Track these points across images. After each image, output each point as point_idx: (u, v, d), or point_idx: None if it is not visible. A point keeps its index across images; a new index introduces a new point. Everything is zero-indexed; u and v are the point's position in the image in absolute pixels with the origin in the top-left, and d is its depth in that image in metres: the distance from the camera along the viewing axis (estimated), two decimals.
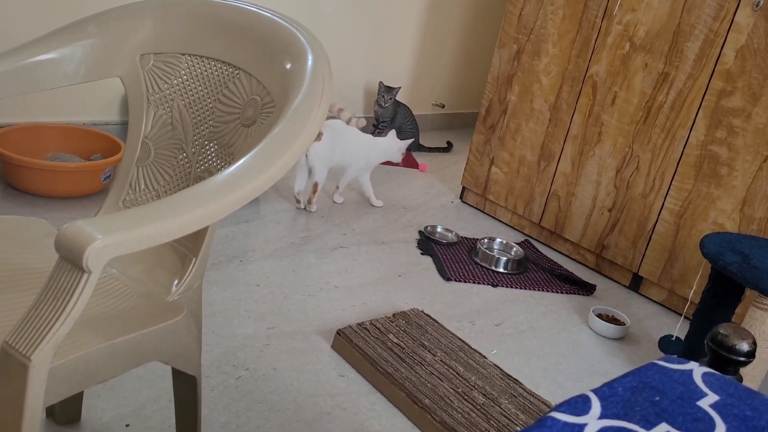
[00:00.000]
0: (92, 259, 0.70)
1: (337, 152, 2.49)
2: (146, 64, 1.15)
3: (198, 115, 1.13)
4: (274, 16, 1.10)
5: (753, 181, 2.06)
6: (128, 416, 1.35)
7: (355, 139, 2.54)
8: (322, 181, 2.48)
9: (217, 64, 1.13)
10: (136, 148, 1.15)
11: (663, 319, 2.27)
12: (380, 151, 2.62)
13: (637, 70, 2.31)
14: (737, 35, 2.05)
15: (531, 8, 2.60)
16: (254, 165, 0.86)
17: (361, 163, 2.59)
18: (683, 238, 2.24)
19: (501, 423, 1.51)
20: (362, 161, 2.59)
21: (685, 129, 2.20)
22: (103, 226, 0.72)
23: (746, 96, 2.05)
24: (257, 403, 1.47)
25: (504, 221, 2.84)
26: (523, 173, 2.71)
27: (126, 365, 0.91)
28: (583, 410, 0.71)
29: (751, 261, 1.58)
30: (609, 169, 2.43)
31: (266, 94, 1.07)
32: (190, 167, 1.13)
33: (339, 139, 2.48)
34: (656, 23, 2.24)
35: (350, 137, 2.53)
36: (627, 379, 0.78)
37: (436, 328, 1.83)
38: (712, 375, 0.80)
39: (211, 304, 1.79)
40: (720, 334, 0.85)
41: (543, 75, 2.60)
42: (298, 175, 2.51)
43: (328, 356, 1.68)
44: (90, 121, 2.59)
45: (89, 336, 0.87)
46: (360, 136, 2.57)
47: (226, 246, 2.13)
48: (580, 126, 2.50)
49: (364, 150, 2.57)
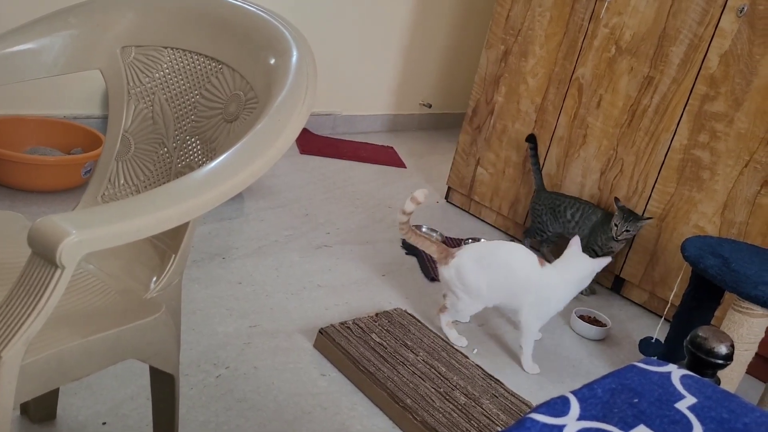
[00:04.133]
0: (66, 254, 0.69)
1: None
2: (127, 56, 1.13)
3: (180, 109, 1.12)
4: (258, 11, 1.09)
5: (734, 185, 2.08)
6: (105, 414, 1.33)
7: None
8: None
9: (200, 58, 1.11)
10: (115, 142, 1.13)
11: (644, 321, 2.29)
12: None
13: (623, 74, 2.32)
14: (721, 41, 2.07)
15: (519, 9, 2.61)
16: (236, 161, 0.85)
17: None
18: (665, 240, 2.26)
19: (482, 423, 1.50)
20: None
21: (669, 133, 2.22)
22: (77, 221, 0.70)
23: (729, 101, 2.07)
24: (237, 401, 1.46)
25: (489, 222, 2.84)
26: (509, 174, 2.71)
27: (102, 363, 0.90)
28: (562, 411, 0.70)
29: (730, 265, 1.59)
30: (593, 171, 2.44)
31: (250, 89, 1.05)
32: (170, 162, 1.12)
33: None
34: (642, 27, 2.26)
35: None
36: (606, 381, 0.78)
37: (419, 328, 1.83)
38: (691, 377, 0.80)
39: (192, 302, 1.78)
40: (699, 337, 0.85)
41: (530, 76, 2.60)
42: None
43: (310, 355, 1.67)
44: (71, 114, 2.55)
45: (64, 333, 0.85)
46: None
47: (209, 243, 2.11)
48: (565, 128, 2.51)
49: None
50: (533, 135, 2.55)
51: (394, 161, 3.33)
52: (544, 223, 2.43)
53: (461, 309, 1.84)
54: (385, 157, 3.36)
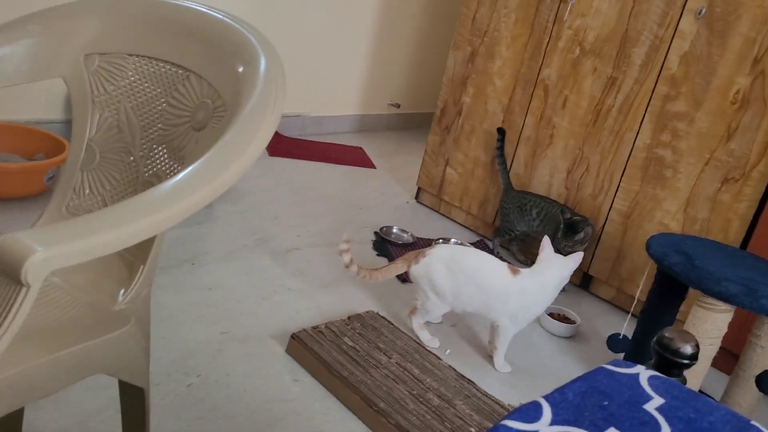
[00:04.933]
0: (32, 272, 0.67)
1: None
2: (91, 64, 1.11)
3: (146, 118, 1.10)
4: (225, 18, 1.08)
5: (696, 183, 2.13)
6: (72, 428, 1.31)
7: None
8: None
9: (166, 65, 1.10)
10: (80, 151, 1.11)
11: (612, 317, 2.33)
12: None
13: (587, 74, 2.36)
14: (681, 42, 2.12)
15: (485, 11, 2.63)
16: (204, 172, 0.84)
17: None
18: (630, 237, 2.30)
19: (455, 425, 1.52)
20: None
21: (633, 132, 2.26)
22: (43, 238, 0.69)
23: (690, 101, 2.12)
24: (209, 410, 1.45)
25: (459, 221, 2.86)
26: (478, 174, 2.73)
27: (70, 379, 0.88)
28: (535, 417, 0.72)
29: (694, 261, 1.63)
30: (560, 171, 2.47)
31: (218, 97, 1.04)
32: (137, 172, 1.10)
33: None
34: (605, 28, 2.29)
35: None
36: (577, 385, 0.79)
37: (391, 331, 1.83)
38: (658, 378, 0.82)
39: (161, 309, 1.75)
40: (665, 338, 0.87)
41: (497, 77, 2.62)
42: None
43: (283, 361, 1.67)
44: (32, 119, 2.49)
45: (30, 350, 0.84)
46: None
47: (177, 249, 2.08)
48: (532, 128, 2.54)
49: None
50: (502, 128, 2.57)
51: (364, 162, 3.33)
52: (511, 222, 2.46)
53: (430, 309, 1.85)
54: (354, 157, 3.35)
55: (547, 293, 1.80)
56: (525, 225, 2.42)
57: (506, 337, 1.82)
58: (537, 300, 1.79)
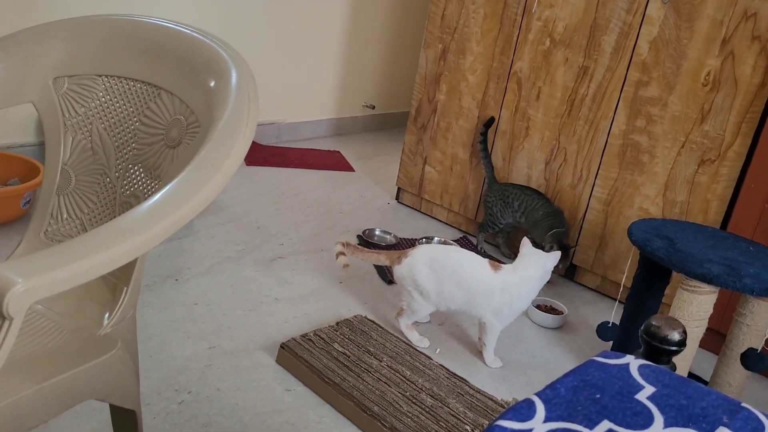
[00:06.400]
0: (13, 304, 0.66)
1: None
2: (60, 87, 1.09)
3: (120, 138, 1.09)
4: (194, 33, 1.07)
5: (673, 166, 2.16)
6: None
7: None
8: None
9: (137, 84, 1.09)
10: (55, 176, 1.10)
11: (598, 305, 2.35)
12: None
13: (559, 65, 2.37)
14: (650, 27, 2.14)
15: (453, 8, 2.63)
16: (182, 191, 0.84)
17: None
18: (612, 224, 2.32)
19: (450, 423, 1.52)
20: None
21: (607, 120, 2.28)
22: (23, 269, 0.68)
23: (662, 85, 2.14)
24: (202, 426, 1.43)
25: (441, 219, 2.87)
26: (457, 171, 2.74)
27: (59, 408, 0.87)
28: (528, 415, 0.72)
29: (676, 245, 1.65)
30: (538, 162, 2.49)
31: (190, 113, 1.03)
32: (114, 193, 1.09)
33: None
34: (573, 18, 2.31)
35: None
36: (568, 379, 0.79)
37: (380, 333, 1.83)
38: (648, 367, 0.83)
39: (147, 328, 1.74)
40: (652, 326, 0.88)
41: (469, 73, 2.63)
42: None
43: (273, 371, 1.66)
44: (5, 143, 2.46)
45: (16, 381, 0.82)
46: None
47: (160, 265, 2.06)
48: (508, 122, 2.55)
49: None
50: (492, 118, 2.55)
51: (342, 165, 3.32)
52: (495, 215, 2.47)
53: (416, 309, 1.85)
54: (332, 162, 3.35)
55: (530, 287, 1.81)
56: (510, 216, 2.44)
57: (493, 333, 1.83)
58: (520, 295, 1.80)
